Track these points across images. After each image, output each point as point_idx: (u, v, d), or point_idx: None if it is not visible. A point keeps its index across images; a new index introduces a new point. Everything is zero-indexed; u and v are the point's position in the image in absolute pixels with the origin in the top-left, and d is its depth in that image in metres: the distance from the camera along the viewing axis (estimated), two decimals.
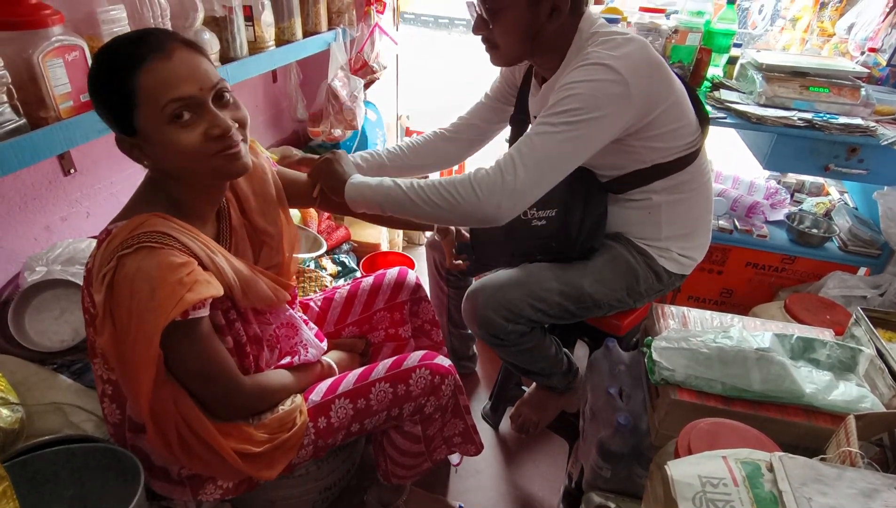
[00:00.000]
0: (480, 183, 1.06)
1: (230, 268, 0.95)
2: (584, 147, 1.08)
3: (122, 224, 0.87)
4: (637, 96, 1.07)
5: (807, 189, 2.37)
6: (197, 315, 0.88)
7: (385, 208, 1.14)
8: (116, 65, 0.81)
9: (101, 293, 0.84)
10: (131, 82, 0.80)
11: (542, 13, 1.11)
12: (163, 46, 0.82)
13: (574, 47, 1.16)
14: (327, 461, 1.23)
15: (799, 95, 1.78)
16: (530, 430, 1.63)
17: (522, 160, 1.06)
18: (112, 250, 0.84)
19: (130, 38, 0.83)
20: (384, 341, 1.40)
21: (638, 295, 1.33)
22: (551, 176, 1.08)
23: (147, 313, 0.82)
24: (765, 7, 4.11)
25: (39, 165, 1.29)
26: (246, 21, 1.51)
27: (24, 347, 1.16)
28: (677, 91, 1.17)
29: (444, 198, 1.09)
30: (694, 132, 1.23)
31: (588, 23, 1.15)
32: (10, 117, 0.93)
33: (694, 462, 0.68)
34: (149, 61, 0.80)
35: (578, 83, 1.06)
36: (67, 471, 1.00)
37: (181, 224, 0.90)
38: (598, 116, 1.05)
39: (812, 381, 0.99)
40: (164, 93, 0.80)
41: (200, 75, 0.84)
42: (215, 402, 0.96)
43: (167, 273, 0.83)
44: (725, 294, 2.11)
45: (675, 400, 0.99)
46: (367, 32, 2.19)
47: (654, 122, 1.14)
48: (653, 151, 1.20)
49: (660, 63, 1.13)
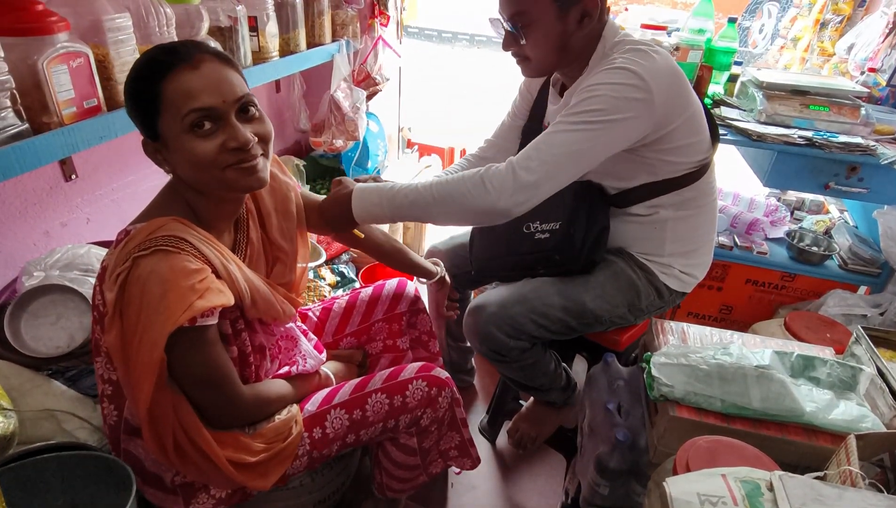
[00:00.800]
0: (492, 178, 1.05)
1: (243, 278, 0.96)
2: (600, 148, 1.07)
3: (140, 226, 0.88)
4: (658, 104, 1.07)
5: (807, 207, 2.38)
6: (205, 323, 0.88)
7: (393, 212, 1.11)
8: (146, 72, 0.85)
9: (113, 292, 0.84)
10: (157, 88, 0.83)
11: (572, 21, 1.11)
12: (191, 56, 0.84)
13: (597, 55, 1.16)
14: (322, 472, 1.21)
15: (799, 113, 1.79)
16: (528, 445, 1.61)
17: (538, 155, 1.05)
18: (128, 250, 0.85)
19: (165, 48, 0.86)
20: (382, 352, 1.39)
21: (639, 311, 1.33)
22: (565, 173, 1.07)
23: (155, 316, 0.82)
24: (765, 27, 4.12)
25: (41, 170, 1.29)
26: (251, 31, 1.53)
27: (19, 352, 1.15)
28: (695, 105, 1.17)
29: (454, 194, 1.06)
30: (707, 149, 1.23)
31: (611, 31, 1.16)
32: (13, 122, 0.93)
33: (693, 479, 0.67)
34: (175, 70, 0.83)
35: (601, 85, 1.06)
36: (59, 479, 0.98)
37: (199, 231, 0.91)
38: (618, 119, 1.05)
39: (812, 399, 0.98)
40: (185, 102, 0.82)
41: (225, 88, 0.85)
42: (214, 410, 0.95)
43: (180, 278, 0.83)
44: (725, 311, 2.10)
45: (674, 417, 0.98)
46: (370, 45, 2.21)
47: (672, 133, 1.14)
48: (666, 165, 1.20)
49: (680, 74, 1.13)
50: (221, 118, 0.85)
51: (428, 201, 1.08)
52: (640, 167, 1.21)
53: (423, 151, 3.03)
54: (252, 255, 1.06)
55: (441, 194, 1.07)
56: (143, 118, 0.86)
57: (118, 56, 1.11)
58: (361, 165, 2.33)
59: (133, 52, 1.13)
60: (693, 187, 1.24)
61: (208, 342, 0.90)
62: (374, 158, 2.40)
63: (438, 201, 1.07)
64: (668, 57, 1.12)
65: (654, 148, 1.16)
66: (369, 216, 1.12)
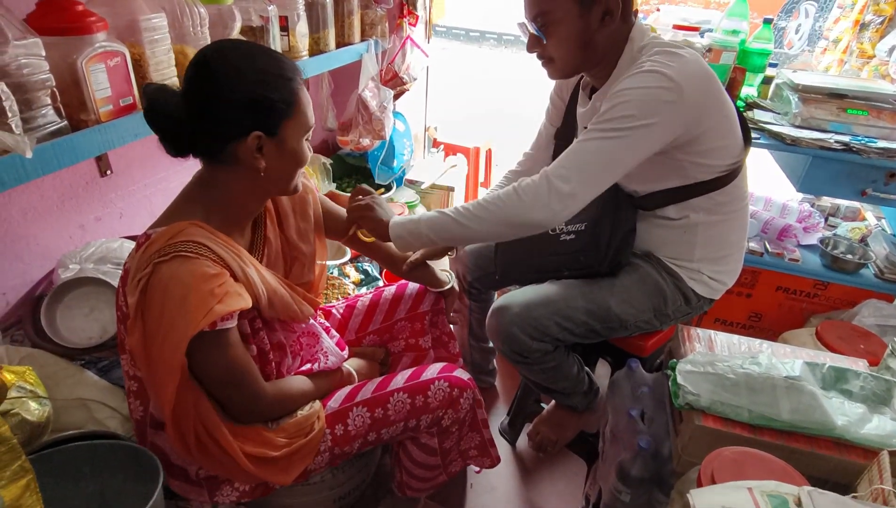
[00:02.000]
0: (526, 190, 1.06)
1: (260, 280, 0.97)
2: (634, 153, 1.07)
3: (161, 230, 0.90)
4: (690, 106, 1.05)
5: (841, 213, 2.31)
6: (225, 326, 0.90)
7: (433, 237, 1.14)
8: (290, 74, 0.91)
9: (135, 296, 0.86)
10: (294, 94, 0.91)
11: (594, 20, 1.10)
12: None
13: (626, 57, 1.15)
14: (342, 469, 1.22)
15: (836, 117, 1.73)
16: (548, 449, 1.60)
17: (571, 164, 1.05)
18: (149, 256, 0.87)
19: (282, 58, 0.93)
20: (404, 350, 1.40)
21: (665, 317, 1.31)
22: (600, 180, 1.07)
23: (177, 321, 0.84)
24: (802, 27, 4.00)
25: (78, 166, 1.33)
26: (281, 31, 1.55)
27: (54, 342, 1.19)
28: (728, 107, 1.15)
29: (491, 211, 1.08)
30: (739, 152, 1.20)
31: (640, 33, 1.15)
32: (53, 119, 0.96)
33: (718, 491, 0.66)
34: (302, 83, 0.93)
35: (632, 90, 1.05)
36: (89, 467, 1.01)
37: (217, 234, 0.93)
38: (651, 123, 1.04)
39: (844, 413, 0.95)
40: (308, 114, 0.95)
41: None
42: (237, 408, 0.97)
43: (200, 283, 0.85)
44: (754, 318, 2.05)
45: (700, 426, 0.97)
46: (398, 44, 2.22)
47: (704, 136, 1.12)
48: (698, 168, 1.17)
49: (713, 76, 1.11)
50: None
51: (466, 218, 1.10)
52: (669, 170, 1.19)
53: (449, 151, 3.03)
54: (270, 254, 1.08)
55: (478, 211, 1.09)
56: (269, 115, 0.89)
57: (153, 55, 1.13)
58: (387, 164, 2.34)
59: (168, 52, 1.16)
60: (724, 191, 1.21)
61: (229, 344, 0.92)
62: (400, 157, 2.40)
63: (476, 218, 1.09)
64: (699, 58, 1.10)
65: (685, 150, 1.14)
66: (407, 241, 1.15)
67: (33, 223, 1.27)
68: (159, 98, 0.88)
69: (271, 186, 0.99)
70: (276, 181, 0.98)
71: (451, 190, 2.58)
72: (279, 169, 0.95)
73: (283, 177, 0.98)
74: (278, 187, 1.00)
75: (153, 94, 0.88)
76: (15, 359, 1.12)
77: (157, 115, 0.88)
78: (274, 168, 0.94)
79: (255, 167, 0.92)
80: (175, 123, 0.89)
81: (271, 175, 0.95)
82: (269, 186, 0.98)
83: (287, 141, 0.93)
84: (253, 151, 0.90)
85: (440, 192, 2.58)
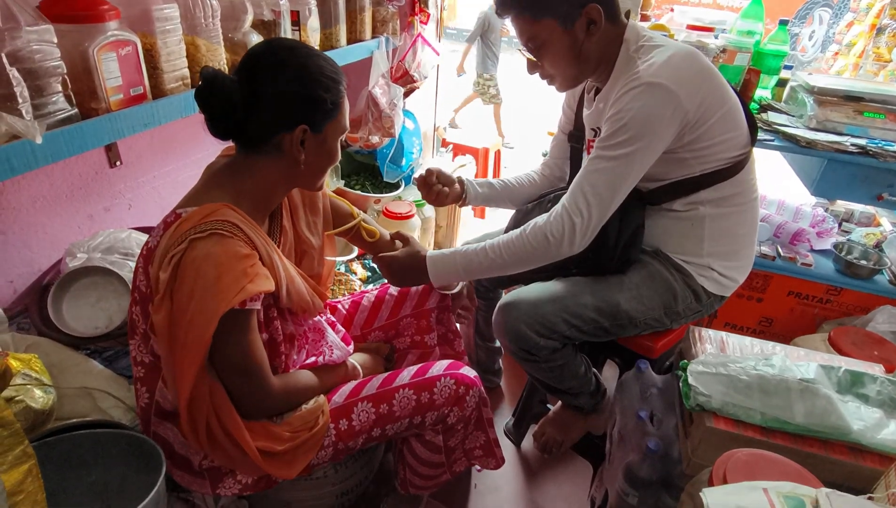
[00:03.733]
0: (553, 231, 1.14)
1: (282, 267, 0.99)
2: (641, 167, 1.12)
3: (193, 210, 0.91)
4: (690, 108, 1.08)
5: (856, 218, 2.27)
6: (252, 307, 0.91)
7: (468, 273, 1.23)
8: (339, 78, 0.97)
9: (167, 272, 0.87)
10: (341, 96, 0.97)
11: (579, 32, 1.14)
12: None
13: (622, 57, 1.17)
14: (345, 465, 1.21)
15: (852, 120, 1.71)
16: (553, 450, 1.58)
17: (585, 196, 1.12)
18: (183, 232, 0.88)
19: (333, 66, 0.98)
20: (409, 347, 1.39)
21: (675, 314, 1.29)
22: (615, 201, 1.14)
23: (209, 297, 0.85)
24: (816, 33, 3.98)
25: (88, 155, 1.33)
26: (293, 25, 1.54)
27: (60, 331, 1.19)
28: (731, 101, 1.16)
29: (522, 254, 1.17)
30: (745, 144, 1.21)
31: (634, 33, 1.17)
32: (63, 106, 0.96)
33: (732, 491, 0.64)
34: (345, 87, 0.99)
35: (629, 110, 1.08)
36: (92, 455, 1.01)
37: (246, 218, 0.94)
38: (652, 139, 1.09)
39: (860, 417, 0.93)
40: (347, 117, 1.02)
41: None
42: (245, 399, 0.96)
43: (234, 262, 0.87)
44: (765, 323, 2.02)
45: (711, 428, 0.95)
46: (409, 42, 2.22)
47: (707, 132, 1.13)
48: (702, 161, 1.18)
49: (710, 72, 1.13)
50: None
51: (500, 264, 1.20)
52: (676, 164, 1.20)
53: (458, 151, 3.03)
54: (285, 245, 1.09)
55: (512, 257, 1.18)
56: (318, 112, 0.95)
57: (165, 45, 1.12)
58: (396, 162, 2.33)
59: (179, 43, 1.15)
60: (732, 183, 1.21)
61: (251, 328, 0.93)
62: (409, 155, 2.39)
63: (511, 263, 1.19)
64: (691, 54, 1.12)
65: (690, 148, 1.16)
66: (446, 279, 1.25)
67: (42, 212, 1.28)
68: (217, 80, 0.90)
69: (302, 180, 1.03)
70: (309, 175, 1.02)
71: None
72: (315, 164, 1.00)
73: (317, 172, 1.03)
74: (308, 182, 1.05)
75: (211, 75, 0.90)
76: (21, 347, 1.11)
77: (214, 96, 0.90)
78: (311, 163, 0.99)
79: (296, 159, 0.95)
80: (230, 106, 0.91)
81: (307, 169, 0.99)
82: (300, 178, 1.02)
83: (327, 139, 0.98)
84: (297, 143, 0.94)
85: None
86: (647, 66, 1.09)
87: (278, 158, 0.96)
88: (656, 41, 1.15)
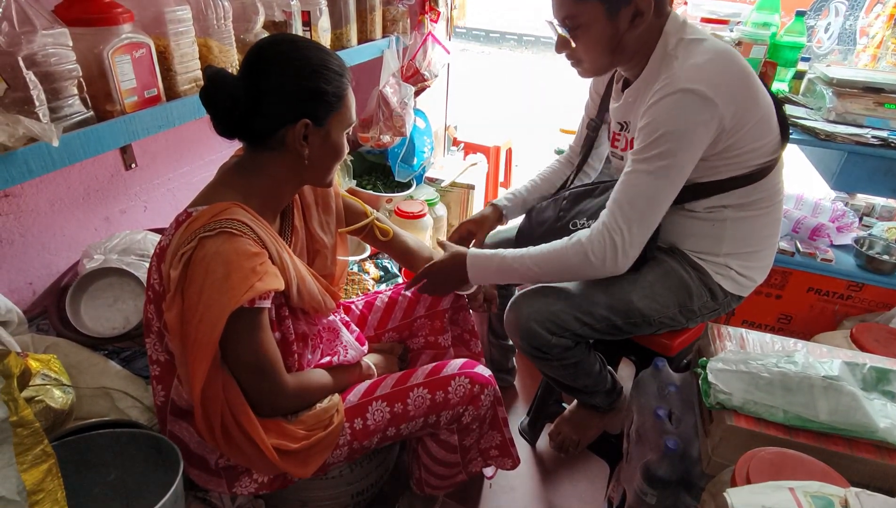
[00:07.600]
0: (594, 250, 1.11)
1: (293, 266, 0.99)
2: (679, 177, 1.09)
3: (203, 208, 0.91)
4: (727, 115, 1.05)
5: (877, 212, 2.23)
6: (261, 305, 0.91)
7: (500, 277, 1.23)
8: (343, 71, 0.97)
9: (178, 270, 0.87)
10: (344, 89, 0.96)
11: (623, 23, 1.08)
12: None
13: (658, 51, 1.12)
14: (360, 465, 1.21)
15: (873, 111, 1.68)
16: (569, 449, 1.57)
17: (626, 216, 1.09)
18: (193, 230, 0.88)
19: (337, 61, 0.97)
20: (423, 348, 1.38)
21: (690, 313, 1.27)
22: (657, 215, 1.11)
23: (218, 295, 0.85)
24: (832, 25, 3.92)
25: (103, 158, 1.34)
26: (304, 26, 1.54)
27: (78, 332, 1.20)
28: (765, 107, 1.12)
29: (562, 269, 1.16)
30: (774, 150, 1.16)
31: (674, 26, 1.11)
32: (79, 109, 0.97)
33: (758, 491, 0.63)
34: (350, 80, 0.98)
35: (665, 121, 1.04)
36: (111, 455, 1.02)
37: (256, 217, 0.95)
38: (691, 148, 1.06)
39: (887, 415, 0.91)
40: (352, 112, 1.00)
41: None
42: (259, 397, 0.96)
43: (243, 260, 0.87)
44: (783, 320, 1.99)
45: (731, 426, 0.93)
46: (419, 41, 2.21)
47: (740, 140, 1.10)
48: (732, 168, 1.15)
49: (748, 76, 1.09)
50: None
51: (538, 274, 1.18)
52: (700, 168, 1.15)
53: (469, 150, 3.01)
54: (297, 244, 1.09)
55: (550, 269, 1.17)
56: (320, 106, 0.94)
57: (178, 47, 1.13)
58: (407, 161, 2.33)
59: (192, 45, 1.16)
60: (759, 187, 1.17)
61: (262, 326, 0.93)
62: (420, 154, 2.39)
63: (549, 273, 1.17)
64: (731, 57, 1.07)
65: (722, 155, 1.12)
66: (482, 277, 1.25)
67: (60, 214, 1.29)
68: (219, 78, 0.91)
69: (309, 176, 1.02)
70: (315, 171, 1.01)
71: (472, 188, 2.57)
72: (320, 159, 0.99)
73: (322, 168, 1.02)
74: (316, 178, 1.04)
75: (214, 74, 0.91)
76: (40, 347, 1.13)
77: (217, 92, 0.90)
78: (316, 157, 0.98)
79: (300, 154, 0.95)
80: (233, 103, 0.91)
81: (312, 164, 0.98)
82: (307, 175, 1.01)
83: (331, 133, 0.97)
84: (300, 137, 0.93)
85: (460, 190, 2.57)
86: (683, 68, 1.04)
87: (283, 153, 0.96)
88: (697, 34, 1.10)
